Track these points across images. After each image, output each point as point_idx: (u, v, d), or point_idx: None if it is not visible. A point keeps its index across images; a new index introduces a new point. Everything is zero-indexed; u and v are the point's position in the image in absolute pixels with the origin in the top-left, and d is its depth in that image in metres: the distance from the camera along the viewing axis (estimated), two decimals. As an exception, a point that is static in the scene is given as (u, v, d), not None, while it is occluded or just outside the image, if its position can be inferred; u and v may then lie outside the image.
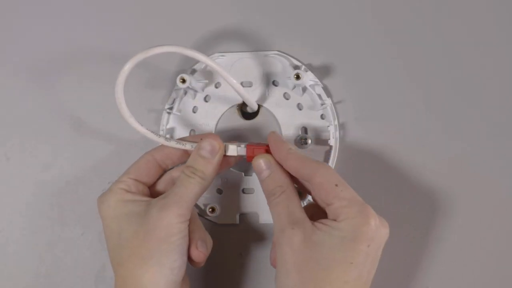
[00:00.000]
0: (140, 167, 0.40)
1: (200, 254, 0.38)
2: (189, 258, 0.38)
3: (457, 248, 0.43)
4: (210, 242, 0.39)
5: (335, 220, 0.34)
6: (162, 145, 0.40)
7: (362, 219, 0.33)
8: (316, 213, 0.36)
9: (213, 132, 0.45)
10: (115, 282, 0.37)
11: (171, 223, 0.35)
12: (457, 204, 0.43)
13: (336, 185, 0.34)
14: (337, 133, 0.43)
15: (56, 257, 0.46)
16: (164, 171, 0.41)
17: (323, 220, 0.34)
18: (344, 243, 0.33)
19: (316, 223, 0.34)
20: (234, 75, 0.41)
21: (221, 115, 0.45)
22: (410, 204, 0.43)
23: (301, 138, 0.43)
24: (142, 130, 0.39)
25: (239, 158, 0.40)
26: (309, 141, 0.43)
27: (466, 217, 0.43)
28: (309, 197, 0.43)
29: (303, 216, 0.35)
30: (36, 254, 0.46)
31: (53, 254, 0.46)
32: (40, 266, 0.46)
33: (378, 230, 0.33)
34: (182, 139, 0.40)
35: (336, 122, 0.44)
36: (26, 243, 0.46)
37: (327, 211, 0.35)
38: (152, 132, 0.39)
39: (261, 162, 0.37)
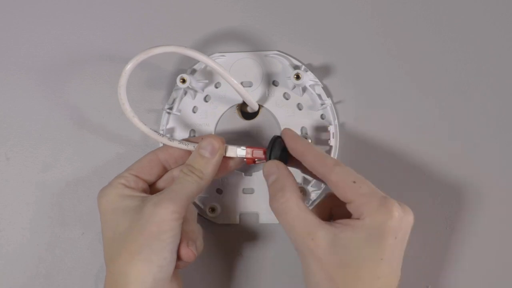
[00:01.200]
0: (142, 165, 0.40)
1: (190, 252, 0.37)
2: (178, 257, 0.37)
3: (457, 247, 0.43)
4: (201, 245, 0.39)
5: (358, 218, 0.33)
6: (166, 145, 0.40)
7: (386, 213, 0.32)
8: (335, 205, 0.35)
9: (213, 132, 0.45)
10: (105, 278, 0.36)
11: (164, 219, 0.35)
12: (458, 204, 0.43)
13: (354, 182, 0.34)
14: (337, 133, 0.43)
15: (56, 257, 0.46)
16: (166, 170, 0.41)
17: (345, 221, 0.34)
18: (370, 240, 0.32)
19: (338, 225, 0.33)
20: (234, 75, 0.41)
21: (221, 115, 0.45)
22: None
23: (301, 138, 0.43)
24: (146, 129, 0.39)
25: (239, 163, 0.40)
26: (309, 141, 0.43)
27: (466, 217, 0.43)
28: (311, 196, 0.43)
29: (317, 221, 0.34)
30: (36, 254, 0.46)
31: (53, 254, 0.46)
32: (40, 266, 0.46)
33: (402, 220, 0.33)
34: (186, 140, 0.40)
35: (336, 122, 0.44)
36: (26, 243, 0.46)
37: (349, 209, 0.34)
38: (155, 131, 0.40)
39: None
